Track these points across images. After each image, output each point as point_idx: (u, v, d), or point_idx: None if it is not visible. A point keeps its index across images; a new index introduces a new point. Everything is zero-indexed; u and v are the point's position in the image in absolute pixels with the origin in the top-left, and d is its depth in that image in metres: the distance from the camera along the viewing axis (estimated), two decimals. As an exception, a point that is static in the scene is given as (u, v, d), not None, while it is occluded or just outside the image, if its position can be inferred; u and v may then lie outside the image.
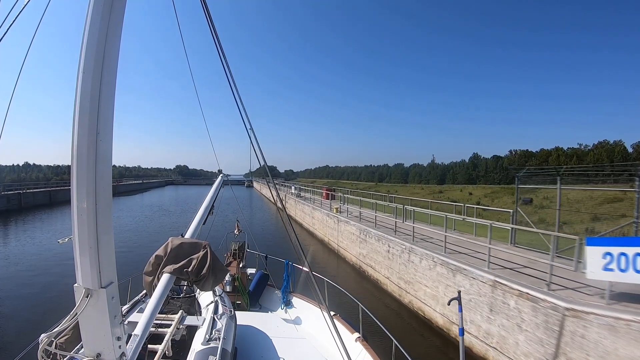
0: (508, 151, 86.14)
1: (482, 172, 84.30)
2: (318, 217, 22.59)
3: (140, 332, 2.47)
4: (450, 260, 9.01)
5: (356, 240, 15.42)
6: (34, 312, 9.71)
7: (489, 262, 8.16)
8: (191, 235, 4.00)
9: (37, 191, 40.70)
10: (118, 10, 1.79)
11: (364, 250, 14.45)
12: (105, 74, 1.75)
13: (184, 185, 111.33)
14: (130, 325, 3.14)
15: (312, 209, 24.62)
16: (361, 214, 17.18)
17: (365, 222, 15.73)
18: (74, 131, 1.72)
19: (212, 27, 2.35)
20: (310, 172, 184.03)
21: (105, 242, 1.84)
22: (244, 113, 2.62)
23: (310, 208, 25.19)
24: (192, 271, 3.06)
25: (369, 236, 13.98)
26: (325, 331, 3.79)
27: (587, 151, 69.49)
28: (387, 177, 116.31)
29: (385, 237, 12.67)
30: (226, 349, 3.72)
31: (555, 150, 73.14)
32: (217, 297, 5.01)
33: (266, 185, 54.95)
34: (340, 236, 17.71)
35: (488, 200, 50.05)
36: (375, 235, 13.51)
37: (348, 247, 16.56)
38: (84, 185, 1.74)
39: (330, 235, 19.64)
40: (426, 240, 11.49)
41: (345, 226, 16.95)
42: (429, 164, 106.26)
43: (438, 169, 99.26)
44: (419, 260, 10.28)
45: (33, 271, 13.83)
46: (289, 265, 7.48)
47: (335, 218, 18.81)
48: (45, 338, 1.92)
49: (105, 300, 1.84)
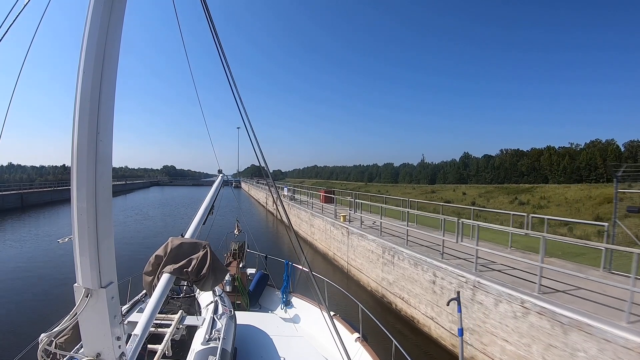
0: (499, 150, 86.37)
1: (473, 171, 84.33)
2: (319, 225, 18.95)
3: (140, 332, 2.48)
4: (556, 308, 5.81)
5: (377, 260, 11.83)
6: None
7: (629, 313, 5.05)
8: (191, 235, 4.00)
9: (6, 194, 36.54)
10: (118, 10, 1.79)
11: (390, 276, 10.91)
12: (105, 74, 1.75)
13: (169, 186, 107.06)
14: (130, 325, 3.15)
15: (310, 216, 20.81)
16: (378, 224, 13.51)
17: (388, 237, 11.95)
18: (74, 131, 1.72)
19: (212, 27, 2.34)
20: (299, 172, 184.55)
21: (105, 242, 1.85)
22: (244, 113, 2.62)
23: (308, 214, 21.39)
24: (192, 271, 3.06)
25: (399, 258, 10.41)
26: (325, 331, 3.79)
27: (579, 151, 69.52)
28: (376, 176, 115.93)
29: (428, 261, 9.13)
30: (226, 349, 3.72)
31: (547, 150, 73.16)
32: (217, 297, 5.01)
33: (255, 187, 54.77)
34: (353, 252, 14.06)
35: (483, 200, 49.66)
36: (409, 257, 9.90)
37: (364, 268, 12.92)
38: (84, 186, 1.74)
39: (337, 250, 15.92)
40: (492, 268, 8.01)
41: (360, 240, 13.33)
42: (419, 163, 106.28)
43: (428, 169, 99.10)
44: (492, 303, 7.00)
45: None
46: (289, 265, 7.48)
47: (343, 229, 15.09)
48: (45, 338, 1.92)
49: (105, 300, 1.84)
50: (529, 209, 39.88)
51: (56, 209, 37.21)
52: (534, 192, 49.08)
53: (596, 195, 39.65)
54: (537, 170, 71.15)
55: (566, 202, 40.69)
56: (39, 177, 71.94)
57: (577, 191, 44.25)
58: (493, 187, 60.80)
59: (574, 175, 63.20)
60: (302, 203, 26.05)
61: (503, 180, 72.52)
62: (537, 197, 46.05)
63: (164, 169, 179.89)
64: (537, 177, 68.81)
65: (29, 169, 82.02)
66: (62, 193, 45.71)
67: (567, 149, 71.77)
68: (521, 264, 7.72)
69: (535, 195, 47.25)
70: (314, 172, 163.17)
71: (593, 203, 37.44)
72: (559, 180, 63.45)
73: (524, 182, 65.67)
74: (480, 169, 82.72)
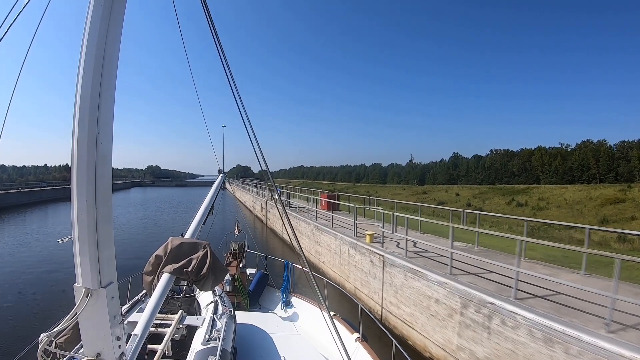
0: (489, 150, 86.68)
1: (463, 171, 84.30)
2: (329, 244, 13.54)
3: (140, 332, 2.48)
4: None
5: (448, 317, 7.13)
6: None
7: None
8: (191, 235, 4.00)
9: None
10: (118, 11, 1.79)
11: (480, 349, 6.32)
12: (105, 74, 1.75)
13: (152, 187, 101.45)
14: (130, 325, 3.15)
15: (315, 230, 15.32)
16: (422, 246, 9.80)
17: (460, 275, 7.43)
18: (74, 131, 1.72)
19: (212, 26, 2.34)
20: (285, 172, 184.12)
21: (105, 242, 1.85)
22: (244, 114, 2.61)
23: (311, 227, 15.83)
24: (192, 271, 3.06)
25: (504, 322, 5.87)
26: (325, 331, 3.79)
27: (570, 151, 69.67)
28: (364, 177, 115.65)
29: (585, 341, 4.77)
30: (226, 349, 3.72)
31: (538, 150, 73.25)
32: (217, 297, 5.02)
33: (242, 188, 53.51)
34: (394, 294, 9.00)
35: (478, 202, 48.99)
36: (530, 324, 5.45)
37: (418, 322, 8.05)
38: (83, 185, 1.74)
39: (362, 284, 10.70)
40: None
41: (410, 279, 8.36)
42: (408, 163, 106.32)
43: (417, 169, 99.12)
44: None
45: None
46: (289, 265, 7.48)
47: (374, 256, 9.95)
48: (45, 338, 1.92)
49: (105, 300, 1.84)
50: (528, 211, 39.58)
51: (16, 215, 31.67)
52: (530, 193, 48.46)
53: (596, 196, 39.37)
54: (528, 171, 71.28)
55: (566, 204, 40.33)
56: (19, 177, 70.09)
57: (575, 192, 43.83)
58: (486, 188, 60.44)
59: (566, 176, 63.21)
60: (300, 210, 19.70)
61: (494, 181, 72.45)
62: (534, 198, 45.50)
63: (149, 169, 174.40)
64: (529, 178, 68.81)
65: (9, 169, 78.78)
66: (30, 195, 41.24)
67: (558, 149, 71.97)
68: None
69: (533, 196, 46.62)
70: (301, 172, 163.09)
71: (595, 204, 37.13)
72: (551, 180, 63.35)
73: (515, 183, 65.46)
74: (470, 170, 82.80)
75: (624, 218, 30.93)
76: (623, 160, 59.35)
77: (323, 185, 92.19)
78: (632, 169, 57.36)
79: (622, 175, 57.34)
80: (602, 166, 60.69)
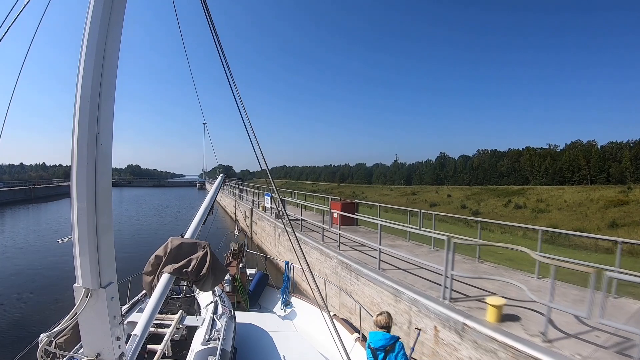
0: (476, 151, 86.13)
1: (450, 172, 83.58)
2: (379, 304, 6.31)
3: (140, 332, 2.48)
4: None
5: None
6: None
7: None
8: (191, 235, 4.00)
9: None
10: (118, 10, 1.79)
11: None
12: (105, 74, 1.75)
13: (128, 187, 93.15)
14: (129, 325, 3.15)
15: (342, 269, 7.75)
16: None
17: None
18: (74, 131, 1.72)
19: (212, 26, 2.34)
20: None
21: (105, 242, 1.85)
22: (244, 114, 2.61)
23: (334, 262, 8.18)
24: (192, 271, 3.06)
25: None
26: (324, 331, 3.78)
27: (560, 152, 69.34)
28: (348, 177, 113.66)
29: None
30: (226, 349, 3.72)
31: (526, 151, 72.76)
32: (216, 297, 5.02)
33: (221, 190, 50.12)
34: None
35: (473, 203, 47.03)
36: None
37: None
38: (83, 185, 1.74)
39: None
40: None
41: None
42: (393, 163, 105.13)
43: (403, 169, 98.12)
44: None
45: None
46: (289, 265, 7.48)
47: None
48: (45, 338, 1.92)
49: (104, 300, 1.84)
50: (528, 214, 38.88)
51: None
52: (526, 195, 46.77)
53: (597, 198, 38.78)
54: (517, 172, 70.71)
55: (567, 206, 39.42)
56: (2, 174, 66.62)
57: (574, 193, 42.74)
58: (478, 189, 58.37)
59: (556, 177, 62.62)
60: (305, 228, 11.95)
61: (482, 181, 71.71)
62: (532, 200, 44.23)
63: (129, 168, 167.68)
64: (518, 179, 68.22)
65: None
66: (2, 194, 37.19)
67: (547, 149, 71.60)
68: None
69: (530, 198, 45.24)
70: (283, 172, 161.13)
71: (598, 207, 36.30)
72: (541, 181, 62.62)
73: (504, 184, 64.42)
74: (458, 170, 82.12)
75: (632, 222, 29.99)
76: (613, 162, 59.23)
77: (307, 186, 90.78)
78: (624, 170, 57.07)
79: (613, 176, 57.06)
80: (593, 167, 60.40)
